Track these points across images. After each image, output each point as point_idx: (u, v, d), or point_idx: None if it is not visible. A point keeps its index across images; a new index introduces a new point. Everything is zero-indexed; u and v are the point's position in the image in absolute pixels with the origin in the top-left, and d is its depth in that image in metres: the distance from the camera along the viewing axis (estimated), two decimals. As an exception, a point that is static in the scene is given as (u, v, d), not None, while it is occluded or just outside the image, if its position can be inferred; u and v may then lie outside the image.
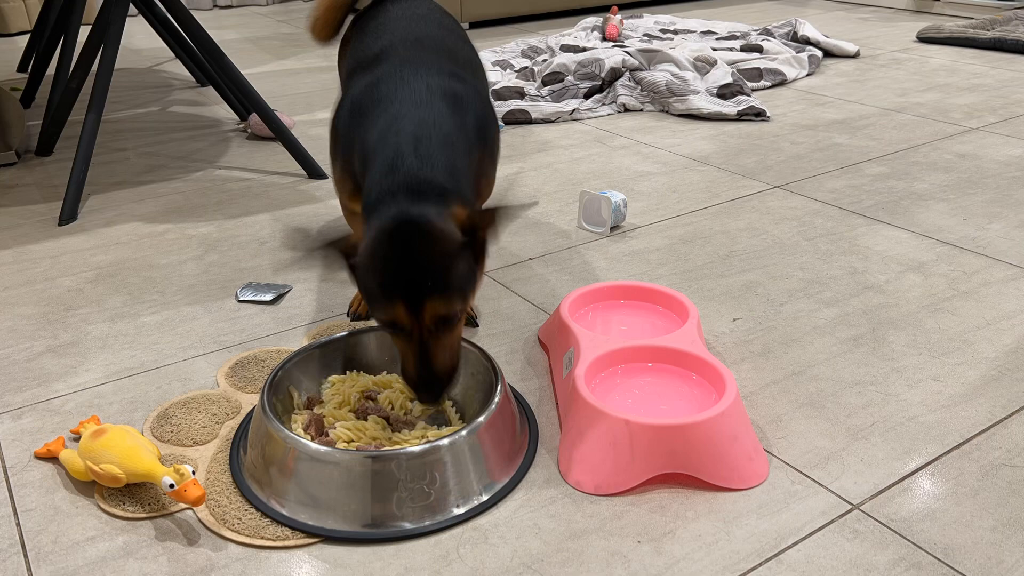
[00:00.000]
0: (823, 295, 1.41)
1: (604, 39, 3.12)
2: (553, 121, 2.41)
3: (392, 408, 1.09)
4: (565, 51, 2.88)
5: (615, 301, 1.30)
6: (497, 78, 2.73)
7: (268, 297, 1.42)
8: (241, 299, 1.42)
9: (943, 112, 2.39)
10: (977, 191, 1.83)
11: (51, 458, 1.05)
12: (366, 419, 1.06)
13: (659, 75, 2.50)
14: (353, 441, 1.02)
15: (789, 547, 0.90)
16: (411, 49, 1.17)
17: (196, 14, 4.16)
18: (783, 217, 1.72)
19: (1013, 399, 1.13)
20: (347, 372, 1.15)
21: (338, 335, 1.17)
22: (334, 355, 1.16)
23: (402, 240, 0.93)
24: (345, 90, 1.20)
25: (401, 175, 0.98)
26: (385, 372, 1.16)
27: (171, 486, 0.91)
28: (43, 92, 2.66)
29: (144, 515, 0.95)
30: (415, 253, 0.92)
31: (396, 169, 0.98)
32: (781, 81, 2.73)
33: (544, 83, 2.60)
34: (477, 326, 1.33)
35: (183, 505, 0.95)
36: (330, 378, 1.14)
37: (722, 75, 2.57)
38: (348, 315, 1.36)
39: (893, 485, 0.98)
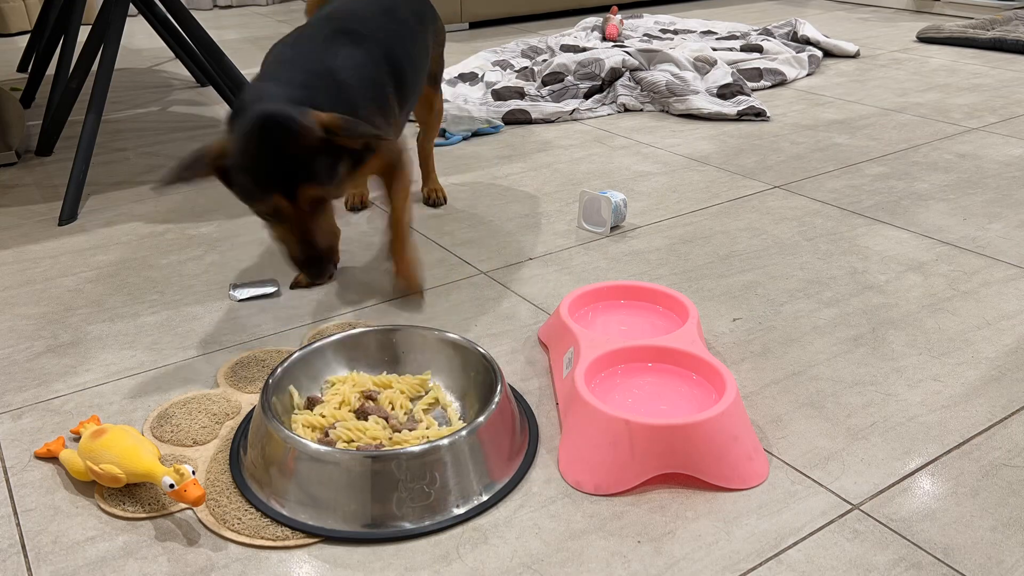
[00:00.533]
0: (823, 295, 1.41)
1: (604, 39, 3.12)
2: (553, 121, 2.41)
3: (392, 408, 1.09)
4: (565, 51, 2.88)
5: (615, 301, 1.30)
6: (497, 78, 2.73)
7: (270, 290, 1.43)
8: (240, 299, 1.42)
9: (943, 112, 2.39)
10: (977, 191, 1.83)
11: (51, 458, 1.05)
12: (366, 419, 1.06)
13: (659, 75, 2.50)
14: (353, 441, 1.02)
15: (789, 547, 0.90)
16: (317, 21, 1.29)
17: (196, 14, 4.16)
18: (783, 217, 1.72)
19: (1013, 399, 1.13)
20: (347, 372, 1.15)
21: (338, 335, 1.17)
22: (334, 355, 1.16)
23: (268, 134, 1.04)
24: None
25: (258, 89, 1.11)
26: (385, 372, 1.16)
27: (171, 486, 0.91)
28: (43, 92, 2.66)
29: (144, 515, 0.95)
30: (282, 145, 1.04)
31: (256, 87, 1.12)
32: (781, 81, 2.73)
33: (544, 83, 2.60)
34: (422, 297, 1.41)
35: (183, 505, 0.95)
36: (330, 378, 1.14)
37: (722, 75, 2.57)
38: (291, 286, 1.44)
39: (893, 485, 0.98)
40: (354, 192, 1.77)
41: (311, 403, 1.09)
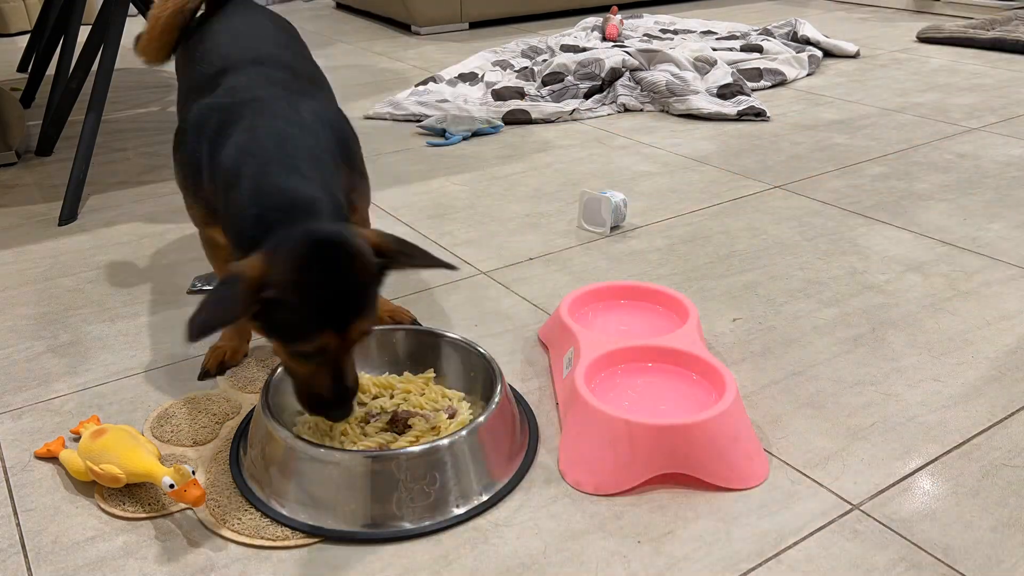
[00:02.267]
0: (823, 295, 1.41)
1: (604, 39, 3.12)
2: (553, 121, 2.41)
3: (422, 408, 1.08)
4: (565, 51, 2.88)
5: (615, 301, 1.30)
6: (497, 78, 2.73)
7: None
8: (191, 290, 1.45)
9: (943, 112, 2.39)
10: (977, 191, 1.83)
11: (51, 458, 1.05)
12: (409, 427, 1.04)
13: (659, 75, 2.50)
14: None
15: (789, 547, 0.90)
16: (251, 67, 1.12)
17: (196, 14, 4.15)
18: (783, 217, 1.72)
19: (1013, 399, 1.13)
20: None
21: (338, 335, 1.17)
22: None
23: (326, 263, 0.87)
24: (183, 114, 1.15)
25: (279, 193, 0.92)
26: (387, 373, 1.16)
27: (171, 486, 0.91)
28: (43, 92, 2.66)
29: (144, 515, 0.95)
30: (342, 278, 0.87)
31: (271, 187, 0.93)
32: (781, 81, 2.73)
33: (544, 83, 2.60)
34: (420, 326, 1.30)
35: (183, 505, 0.95)
36: (330, 378, 1.14)
37: (722, 75, 2.57)
38: (200, 376, 1.22)
39: (893, 485, 0.98)
40: None
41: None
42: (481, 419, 0.98)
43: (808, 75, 2.82)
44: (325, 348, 0.89)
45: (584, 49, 2.83)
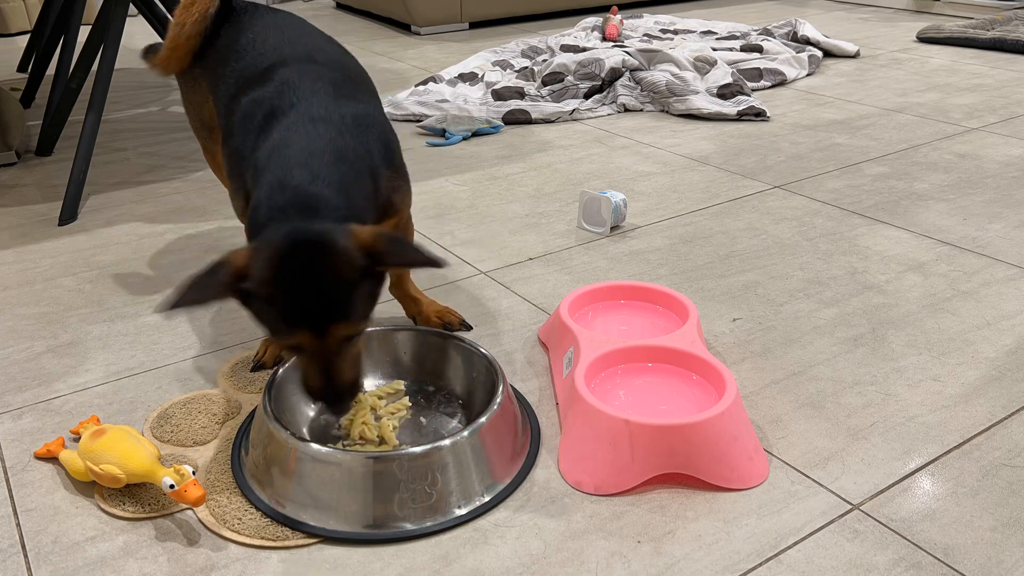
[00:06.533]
0: (823, 295, 1.41)
1: (604, 39, 3.12)
2: (553, 121, 2.41)
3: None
4: (565, 51, 2.88)
5: (615, 301, 1.30)
6: (497, 78, 2.73)
7: None
8: None
9: (943, 112, 2.39)
10: (977, 191, 1.83)
11: (51, 458, 1.05)
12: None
13: (659, 75, 2.50)
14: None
15: (789, 547, 0.90)
16: (303, 64, 1.12)
17: (196, 14, 4.15)
18: (783, 217, 1.72)
19: (1013, 399, 1.13)
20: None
21: (338, 335, 1.17)
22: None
23: (303, 262, 0.86)
24: (229, 109, 1.13)
25: (291, 191, 0.93)
26: (379, 375, 1.16)
27: (171, 486, 0.91)
28: (43, 92, 2.66)
29: (144, 515, 0.95)
30: (317, 278, 0.86)
31: (285, 185, 0.94)
32: (781, 81, 2.73)
33: (544, 83, 2.60)
34: (471, 328, 1.32)
35: (183, 505, 0.95)
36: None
37: (722, 75, 2.57)
38: (252, 368, 1.23)
39: (893, 485, 0.98)
40: None
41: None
42: (483, 420, 0.98)
43: (808, 75, 2.82)
44: (302, 346, 0.89)
45: (584, 49, 2.83)
